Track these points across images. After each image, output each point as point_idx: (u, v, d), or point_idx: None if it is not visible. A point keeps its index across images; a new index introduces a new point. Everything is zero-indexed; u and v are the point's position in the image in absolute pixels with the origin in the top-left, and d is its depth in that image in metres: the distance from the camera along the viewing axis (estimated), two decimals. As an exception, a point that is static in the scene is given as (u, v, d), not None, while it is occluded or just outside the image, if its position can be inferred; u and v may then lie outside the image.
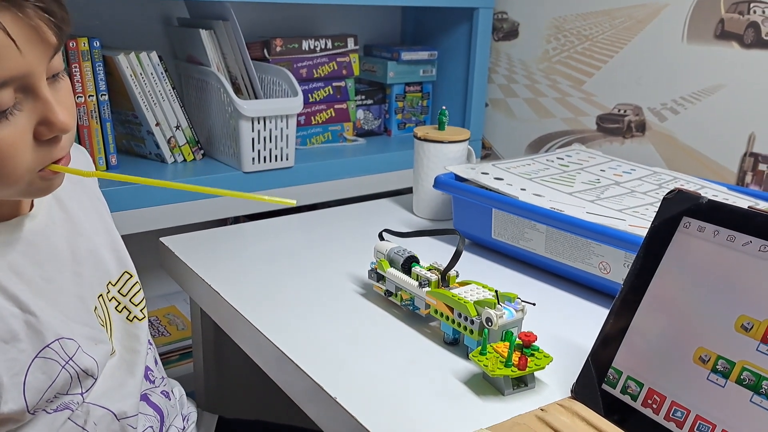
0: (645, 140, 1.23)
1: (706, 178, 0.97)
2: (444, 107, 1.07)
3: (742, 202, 0.86)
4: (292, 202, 0.63)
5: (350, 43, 1.43)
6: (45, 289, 0.60)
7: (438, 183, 0.95)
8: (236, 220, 1.35)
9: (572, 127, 1.37)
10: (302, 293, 0.79)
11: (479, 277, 0.73)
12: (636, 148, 1.25)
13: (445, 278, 0.70)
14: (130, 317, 0.71)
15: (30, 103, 0.52)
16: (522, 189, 0.89)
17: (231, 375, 0.98)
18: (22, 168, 0.53)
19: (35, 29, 0.50)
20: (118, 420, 0.65)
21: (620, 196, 0.88)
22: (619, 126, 1.27)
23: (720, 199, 0.88)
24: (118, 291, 0.71)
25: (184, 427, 0.80)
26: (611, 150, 1.29)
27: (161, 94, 1.20)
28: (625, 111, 1.26)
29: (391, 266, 0.75)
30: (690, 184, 0.94)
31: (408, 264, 0.74)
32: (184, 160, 1.27)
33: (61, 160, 0.56)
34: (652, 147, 1.22)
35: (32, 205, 0.62)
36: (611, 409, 0.56)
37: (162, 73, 1.20)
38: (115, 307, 0.70)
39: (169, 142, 1.24)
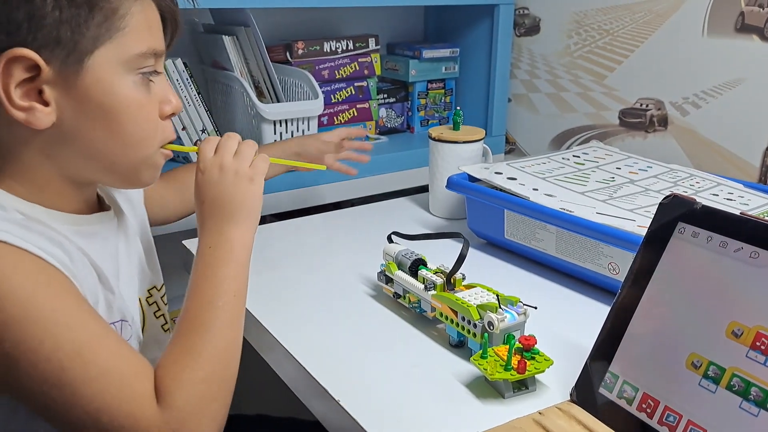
0: (667, 135, 1.22)
1: (723, 175, 0.95)
2: (458, 107, 1.08)
3: (758, 200, 0.85)
4: (322, 167, 0.87)
5: (371, 44, 1.45)
6: (114, 277, 0.65)
7: (451, 183, 0.96)
8: (263, 220, 1.39)
9: (595, 122, 1.36)
10: (314, 293, 0.82)
11: (491, 277, 0.75)
12: (658, 143, 1.23)
13: (450, 282, 0.72)
14: (165, 327, 0.75)
15: (155, 82, 0.61)
16: (534, 189, 0.90)
17: (251, 371, 1.01)
18: (153, 132, 0.62)
19: (165, 18, 0.61)
20: None
21: (633, 195, 0.88)
22: (641, 120, 1.26)
23: (735, 197, 0.87)
24: (161, 298, 0.75)
25: None
26: (634, 144, 1.28)
27: (186, 100, 1.24)
28: (647, 105, 1.25)
29: (399, 269, 0.77)
30: (706, 181, 0.93)
31: (415, 267, 0.76)
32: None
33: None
34: (674, 141, 1.21)
35: (105, 207, 0.69)
36: (608, 413, 0.57)
37: (187, 79, 1.24)
38: (154, 313, 0.74)
39: (195, 145, 1.27)
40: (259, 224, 0.70)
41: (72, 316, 0.52)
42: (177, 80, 1.23)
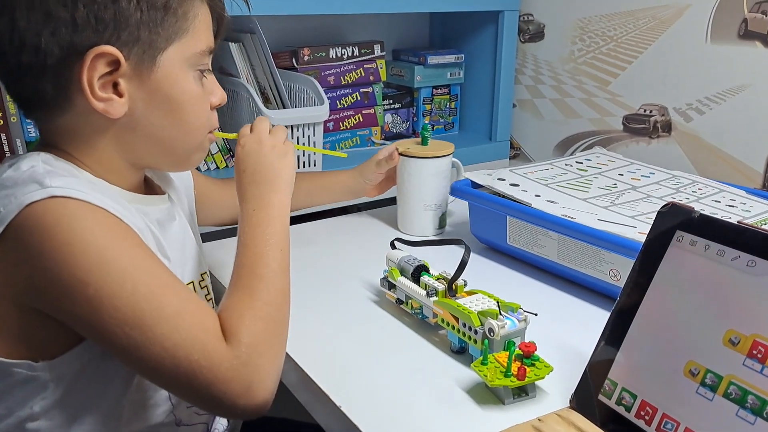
0: (671, 140, 1.22)
1: (726, 182, 0.96)
2: (426, 121, 1.08)
3: (760, 206, 0.86)
4: (344, 155, 0.96)
5: (377, 50, 1.46)
6: (171, 249, 0.69)
7: (454, 190, 0.97)
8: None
9: (599, 128, 1.37)
10: (317, 298, 0.83)
11: (494, 282, 0.75)
12: (662, 149, 1.24)
13: (451, 288, 0.72)
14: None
15: (207, 77, 0.68)
16: (536, 195, 0.90)
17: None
18: (204, 120, 0.68)
19: (215, 19, 0.68)
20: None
21: (635, 202, 0.89)
22: (645, 126, 1.27)
23: (737, 203, 0.87)
24: (210, 282, 0.80)
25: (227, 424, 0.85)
26: (637, 150, 1.28)
27: (193, 106, 1.25)
28: (650, 111, 1.25)
29: (402, 275, 0.78)
30: (708, 187, 0.93)
31: (418, 273, 0.76)
32: (217, 167, 1.32)
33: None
34: (678, 147, 1.21)
35: (157, 192, 0.75)
36: (607, 420, 0.57)
37: (194, 86, 1.26)
38: (205, 296, 0.79)
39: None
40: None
41: (146, 263, 0.58)
42: (184, 87, 1.24)
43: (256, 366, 0.57)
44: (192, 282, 0.75)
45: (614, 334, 0.60)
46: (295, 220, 1.15)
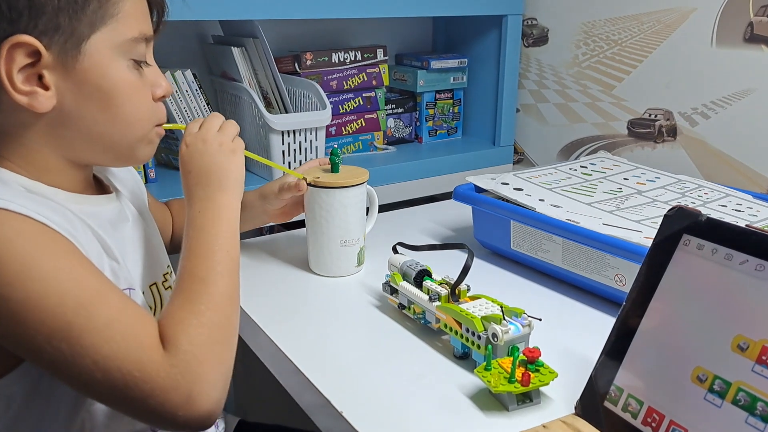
0: (677, 145, 1.21)
1: (733, 186, 0.95)
2: (336, 145, 1.00)
3: (766, 211, 0.85)
4: (300, 175, 0.86)
5: (380, 54, 1.45)
6: (119, 250, 0.66)
7: (458, 194, 0.96)
8: (272, 229, 1.39)
9: (603, 132, 1.36)
10: (319, 303, 0.82)
11: (498, 288, 0.74)
12: (668, 153, 1.23)
13: (454, 293, 0.72)
14: None
15: (146, 68, 0.64)
16: (541, 200, 0.89)
17: (255, 381, 1.01)
18: (147, 113, 0.65)
19: (151, 5, 0.64)
20: None
21: (640, 206, 0.88)
22: (650, 131, 1.26)
23: (743, 208, 0.86)
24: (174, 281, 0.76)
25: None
26: (642, 155, 1.27)
27: (196, 110, 1.25)
28: (655, 116, 1.24)
29: (404, 279, 0.77)
30: (714, 192, 0.92)
31: (420, 278, 0.76)
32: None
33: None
34: (683, 152, 1.20)
35: (107, 191, 0.71)
36: (613, 427, 0.56)
37: (196, 90, 1.25)
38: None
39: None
40: (267, 234, 0.70)
41: (74, 272, 0.54)
42: (186, 91, 1.24)
43: (197, 375, 0.54)
44: (155, 283, 0.72)
45: (620, 340, 0.59)
46: (292, 225, 1.15)
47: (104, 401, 0.57)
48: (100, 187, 0.71)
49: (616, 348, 0.59)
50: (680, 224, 0.57)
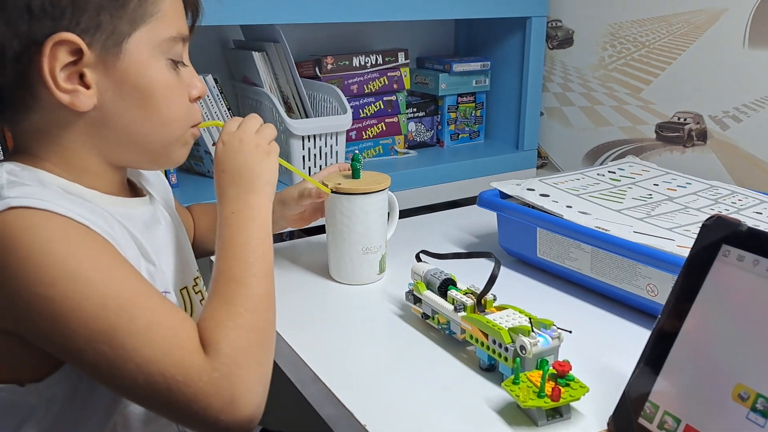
0: (707, 149, 1.18)
1: (767, 192, 0.92)
2: (356, 150, 0.99)
3: (805, 218, 0.82)
4: (327, 190, 0.84)
5: (401, 58, 1.44)
6: (155, 254, 0.66)
7: (482, 201, 0.94)
8: (291, 235, 1.38)
9: (630, 136, 1.33)
10: (340, 312, 0.80)
11: (524, 297, 0.72)
12: (698, 158, 1.20)
13: (480, 303, 0.70)
14: None
15: (183, 69, 0.65)
16: (568, 206, 0.87)
17: (275, 389, 1.00)
18: (184, 113, 0.65)
19: (186, 5, 0.64)
20: None
21: (672, 213, 0.85)
22: (679, 135, 1.23)
23: (780, 215, 0.83)
24: (204, 286, 0.76)
25: None
26: (672, 159, 1.24)
27: (217, 116, 1.24)
28: (685, 119, 1.21)
29: (428, 288, 0.75)
30: (748, 198, 0.89)
31: (444, 287, 0.74)
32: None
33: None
34: (714, 156, 1.17)
35: (140, 194, 0.71)
36: (647, 444, 0.54)
37: (218, 95, 1.25)
38: (200, 301, 0.74)
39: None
40: (286, 240, 0.69)
41: (115, 273, 0.54)
42: (207, 96, 1.23)
43: (238, 378, 0.54)
44: (185, 287, 0.72)
45: (655, 354, 0.56)
46: (311, 230, 1.14)
47: (147, 405, 0.56)
48: (133, 190, 0.71)
49: (652, 362, 0.56)
50: (719, 234, 0.54)
